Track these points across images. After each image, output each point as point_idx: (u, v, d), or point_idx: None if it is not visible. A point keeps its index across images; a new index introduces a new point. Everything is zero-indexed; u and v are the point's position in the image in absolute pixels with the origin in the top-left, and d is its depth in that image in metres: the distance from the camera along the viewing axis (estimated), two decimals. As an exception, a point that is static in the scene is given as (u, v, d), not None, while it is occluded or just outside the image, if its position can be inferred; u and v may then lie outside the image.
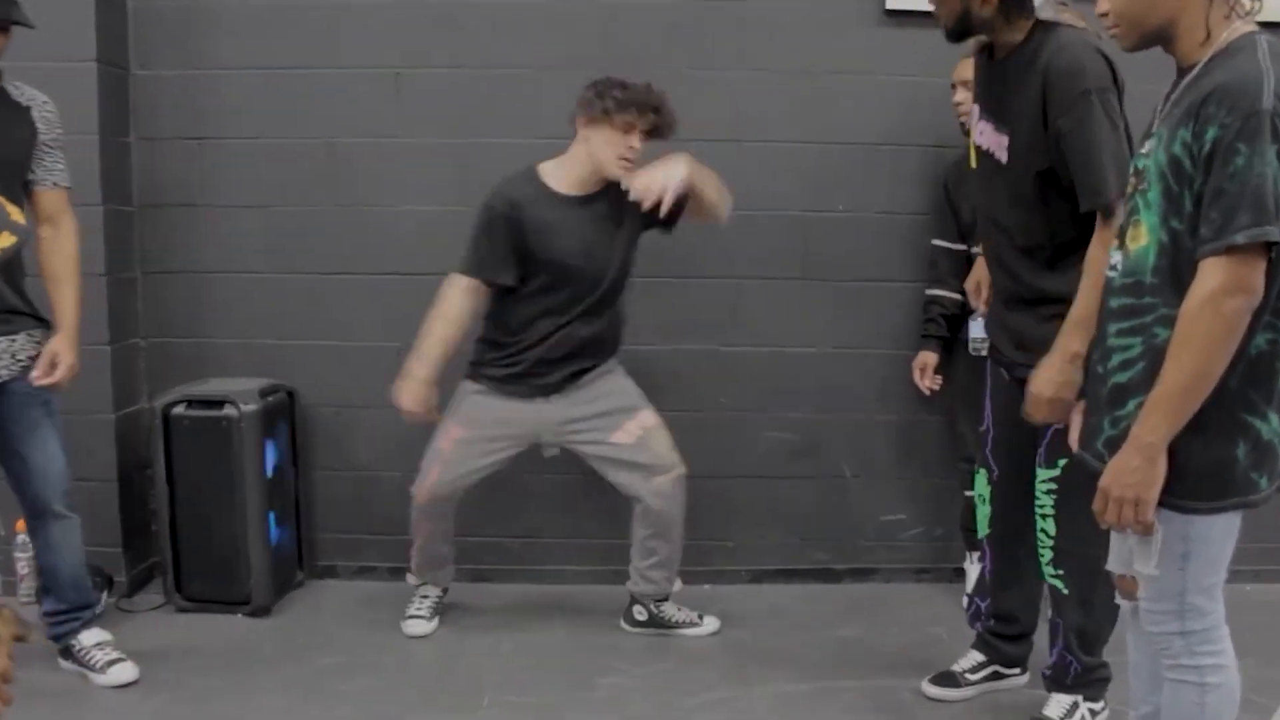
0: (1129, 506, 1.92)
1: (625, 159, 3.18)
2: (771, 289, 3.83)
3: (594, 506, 3.87)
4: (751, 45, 3.73)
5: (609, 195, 3.27)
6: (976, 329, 3.35)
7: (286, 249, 3.81)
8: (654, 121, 3.18)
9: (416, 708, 3.01)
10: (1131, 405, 1.96)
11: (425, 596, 3.58)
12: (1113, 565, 2.19)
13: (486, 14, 3.70)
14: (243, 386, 3.62)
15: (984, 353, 3.13)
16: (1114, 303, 2.02)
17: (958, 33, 2.63)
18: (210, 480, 3.56)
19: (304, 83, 3.74)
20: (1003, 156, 2.63)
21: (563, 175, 3.27)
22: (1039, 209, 2.59)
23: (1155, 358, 1.91)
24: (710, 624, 3.54)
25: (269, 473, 3.61)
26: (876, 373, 3.88)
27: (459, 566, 3.72)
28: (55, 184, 3.03)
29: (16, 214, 2.14)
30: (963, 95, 3.37)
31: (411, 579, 3.62)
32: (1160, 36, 1.96)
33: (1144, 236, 1.95)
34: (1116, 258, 2.04)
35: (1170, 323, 1.88)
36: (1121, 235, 2.03)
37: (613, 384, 3.40)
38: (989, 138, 2.69)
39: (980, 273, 3.18)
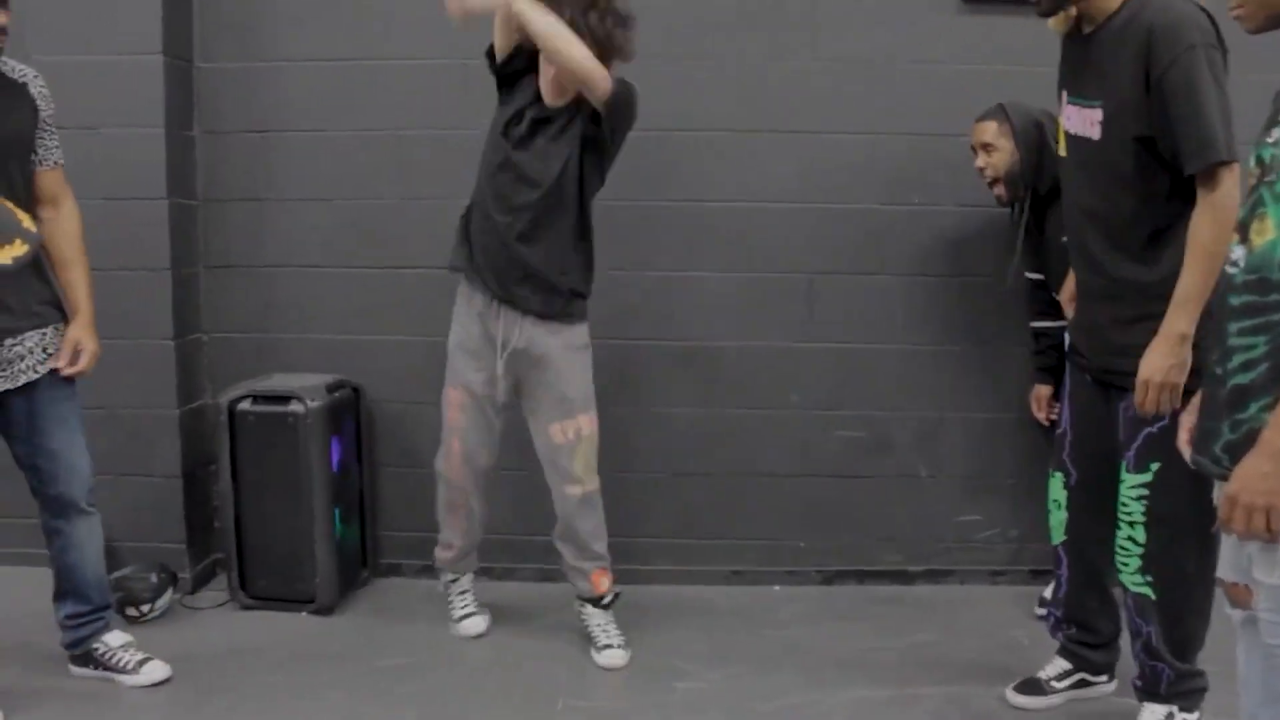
0: (1259, 514, 1.81)
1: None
2: (845, 284, 3.74)
3: (661, 505, 3.81)
4: (825, 36, 3.64)
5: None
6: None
7: (351, 243, 3.77)
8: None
9: (484, 711, 2.96)
10: (1254, 408, 1.86)
11: (465, 591, 3.51)
12: (1224, 572, 2.09)
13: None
14: (308, 382, 3.58)
15: None
16: (1235, 300, 1.91)
17: (1053, 4, 2.53)
18: (275, 477, 3.53)
19: (369, 74, 3.70)
20: (1095, 132, 2.53)
21: None
22: (1133, 186, 2.49)
23: None
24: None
25: (334, 469, 3.57)
26: (951, 370, 3.78)
27: (520, 565, 3.68)
28: (56, 163, 2.94)
29: (27, 221, 2.09)
30: (983, 159, 3.32)
31: (444, 576, 3.51)
32: None
33: (1271, 230, 1.84)
34: (1238, 253, 1.93)
35: (1301, 321, 1.78)
36: (1244, 229, 1.92)
37: (572, 371, 3.20)
38: (1077, 120, 2.60)
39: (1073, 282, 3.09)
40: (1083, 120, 2.58)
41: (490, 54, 3.14)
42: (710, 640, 3.42)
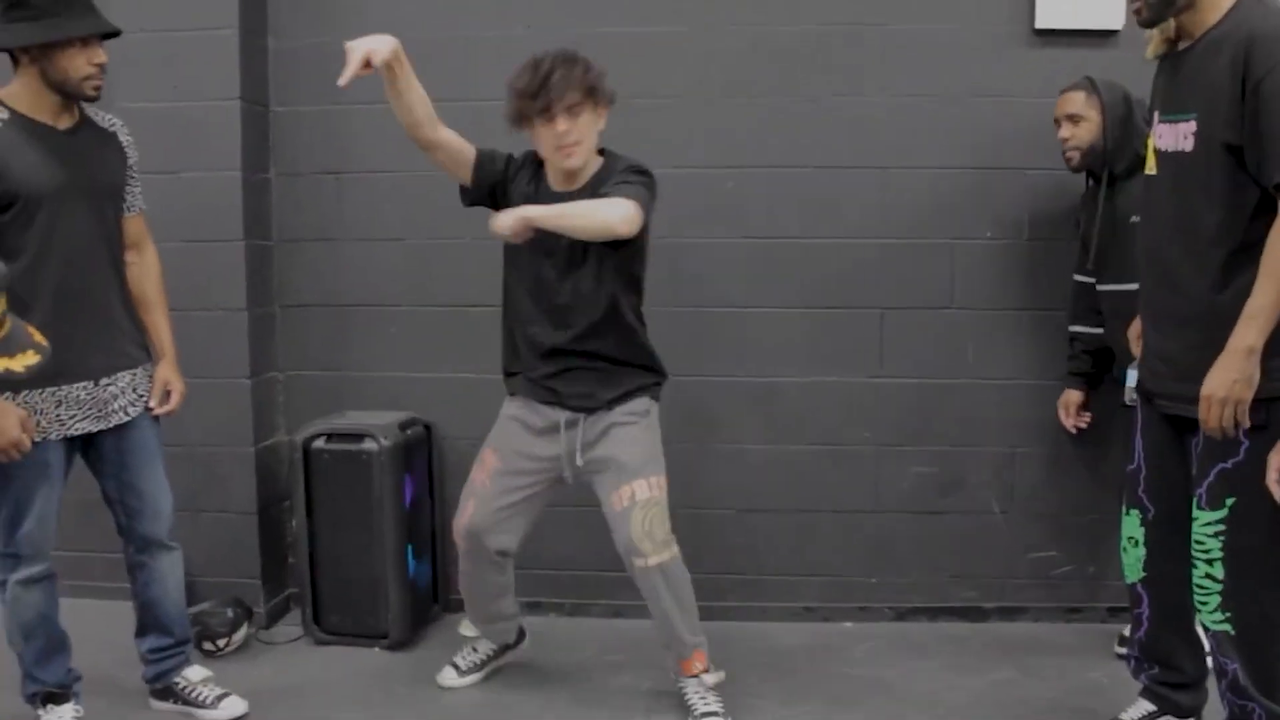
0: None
1: (562, 148, 2.86)
2: (916, 319, 3.72)
3: (732, 541, 3.82)
4: (896, 71, 3.65)
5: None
6: (1134, 378, 3.09)
7: (422, 281, 3.82)
8: (546, 99, 2.81)
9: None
10: None
11: (475, 650, 3.37)
12: None
13: (628, 44, 3.66)
14: (382, 420, 3.62)
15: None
16: None
17: (1159, 12, 2.49)
18: (349, 513, 3.57)
19: (440, 115, 3.74)
20: (1188, 144, 2.49)
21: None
22: (1220, 198, 2.42)
23: None
24: None
25: (407, 506, 3.60)
26: (1023, 404, 3.74)
27: (593, 602, 3.67)
28: (140, 209, 3.04)
29: (38, 335, 2.16)
30: (1068, 130, 3.30)
31: (464, 629, 3.40)
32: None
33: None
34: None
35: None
36: None
37: (630, 435, 3.01)
38: (1169, 136, 2.56)
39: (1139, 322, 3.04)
40: (1175, 135, 2.54)
41: (463, 191, 3.06)
42: (782, 678, 3.39)
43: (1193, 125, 2.48)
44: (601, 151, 2.99)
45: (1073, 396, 3.58)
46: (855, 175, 3.67)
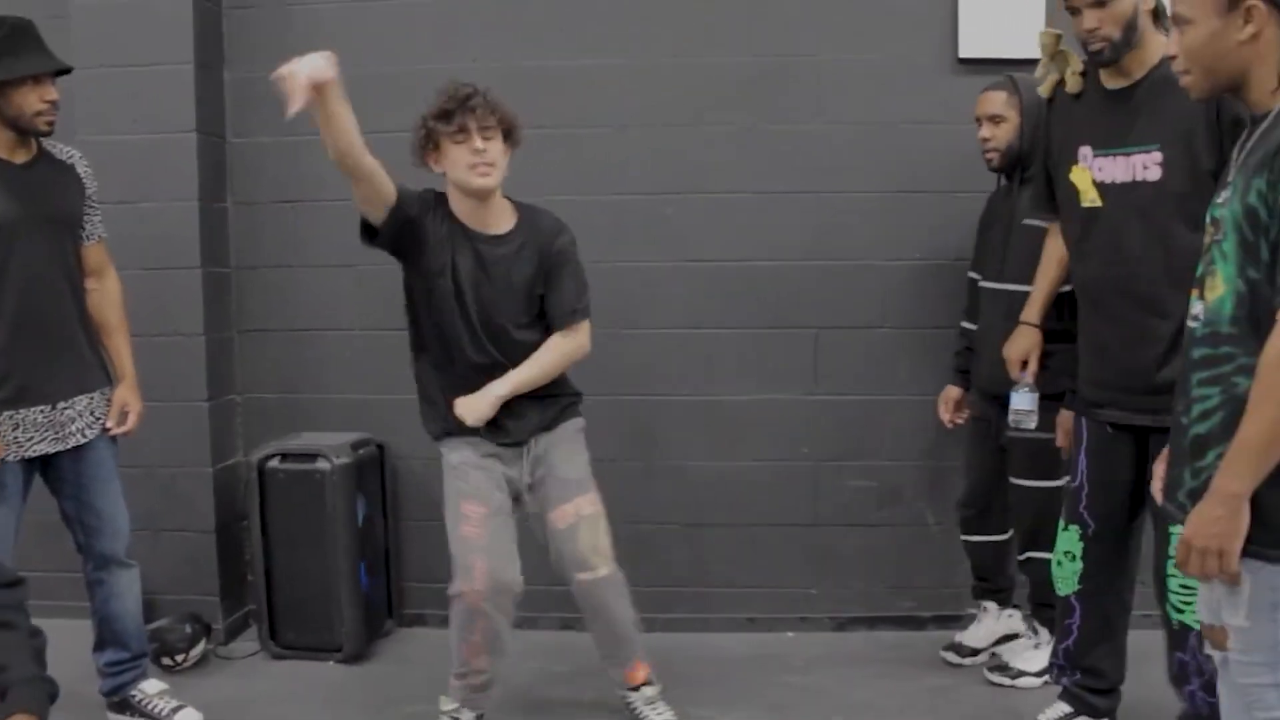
0: (1213, 557, 1.89)
1: (476, 166, 2.87)
2: (851, 337, 3.85)
3: (676, 555, 3.94)
4: (828, 100, 3.79)
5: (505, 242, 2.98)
6: (1020, 401, 3.13)
7: (376, 307, 3.89)
8: (464, 119, 2.84)
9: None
10: (1211, 456, 1.95)
11: None
12: (1201, 615, 2.17)
13: (571, 75, 3.80)
14: (334, 440, 3.73)
15: (1026, 427, 3.10)
16: (1196, 353, 2.01)
17: (1119, 51, 2.61)
18: (303, 531, 3.67)
19: (390, 147, 3.83)
20: (1153, 174, 2.61)
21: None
22: (1200, 221, 2.34)
23: (1235, 408, 1.90)
24: None
25: (360, 523, 3.71)
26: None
27: (540, 615, 3.77)
28: (100, 237, 3.14)
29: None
30: (989, 130, 3.35)
31: (444, 702, 3.10)
32: (1232, 84, 1.95)
33: (1220, 286, 1.94)
34: (1198, 307, 2.03)
35: (1249, 372, 1.86)
36: (1200, 285, 2.03)
37: (567, 452, 3.06)
38: (1116, 168, 2.68)
39: (1029, 342, 3.13)
40: (1129, 167, 2.65)
41: (368, 231, 2.98)
42: (725, 687, 3.49)
43: (1157, 156, 2.60)
44: (508, 199, 3.02)
45: (953, 393, 3.64)
46: (790, 200, 3.80)
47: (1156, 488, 2.24)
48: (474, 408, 2.88)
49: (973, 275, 3.60)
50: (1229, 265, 1.92)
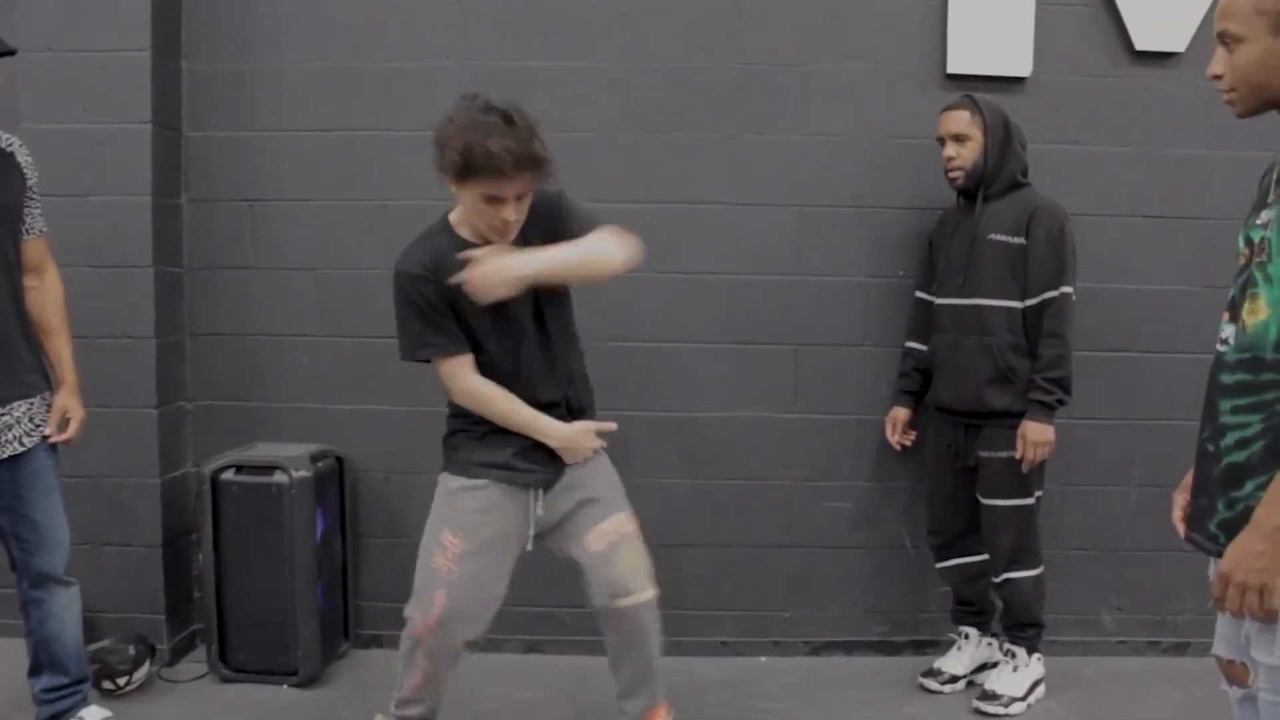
0: (1253, 593, 1.82)
1: (496, 229, 2.54)
2: (831, 356, 3.76)
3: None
4: (812, 111, 3.70)
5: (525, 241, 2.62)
6: None
7: (337, 312, 3.77)
8: (512, 178, 2.46)
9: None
10: (1250, 486, 1.87)
11: None
12: (1220, 650, 2.09)
13: (546, 77, 3.68)
14: (293, 452, 3.56)
15: None
16: (1227, 379, 1.94)
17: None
18: (258, 547, 3.49)
19: (356, 145, 3.72)
20: None
21: (467, 226, 2.66)
22: None
23: (1276, 436, 1.83)
24: None
25: (318, 540, 3.53)
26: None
27: (507, 638, 3.62)
28: (41, 231, 2.94)
29: None
30: (953, 149, 3.35)
31: None
32: (1276, 102, 1.90)
33: (1263, 310, 1.87)
34: (1228, 331, 1.96)
35: (1293, 400, 1.80)
36: (1234, 308, 1.95)
37: (593, 472, 2.82)
38: None
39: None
40: None
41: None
42: (698, 713, 3.37)
43: None
44: None
45: (900, 414, 3.65)
46: (771, 212, 3.71)
47: (1177, 516, 2.17)
48: (482, 275, 2.45)
49: (922, 296, 3.59)
50: (1274, 289, 1.85)
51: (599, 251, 2.60)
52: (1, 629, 3.53)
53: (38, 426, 2.86)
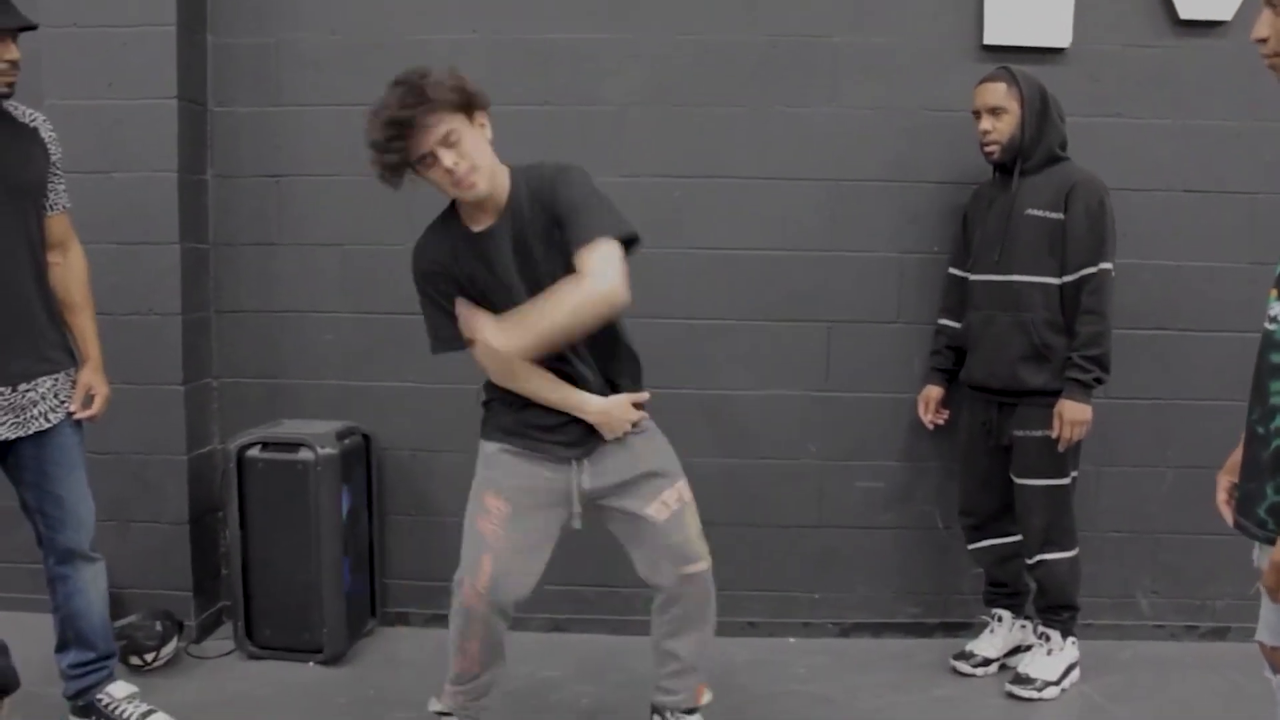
0: None
1: (459, 183, 2.46)
2: (864, 332, 3.70)
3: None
4: (844, 84, 3.63)
5: (512, 216, 2.57)
6: None
7: (363, 288, 3.74)
8: (409, 143, 2.41)
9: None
10: None
11: None
12: (1264, 636, 2.03)
13: (572, 49, 3.62)
14: (319, 429, 3.54)
15: None
16: (1277, 358, 1.87)
17: None
18: (284, 524, 3.48)
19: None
20: None
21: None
22: None
23: None
24: None
25: (344, 517, 3.52)
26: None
27: (531, 616, 3.60)
28: (65, 207, 2.92)
29: None
30: (989, 123, 3.28)
31: (434, 705, 2.86)
32: None
33: (1315, 286, 1.80)
34: (1277, 309, 1.89)
35: (1350, 381, 1.73)
36: None
37: (648, 444, 2.77)
38: None
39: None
40: None
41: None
42: (725, 695, 3.31)
43: None
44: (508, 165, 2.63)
45: (934, 392, 3.58)
46: (802, 187, 3.64)
47: (1222, 499, 2.11)
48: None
49: (955, 272, 3.53)
50: None
51: (588, 300, 2.43)
52: (29, 604, 3.53)
53: (63, 403, 2.85)
